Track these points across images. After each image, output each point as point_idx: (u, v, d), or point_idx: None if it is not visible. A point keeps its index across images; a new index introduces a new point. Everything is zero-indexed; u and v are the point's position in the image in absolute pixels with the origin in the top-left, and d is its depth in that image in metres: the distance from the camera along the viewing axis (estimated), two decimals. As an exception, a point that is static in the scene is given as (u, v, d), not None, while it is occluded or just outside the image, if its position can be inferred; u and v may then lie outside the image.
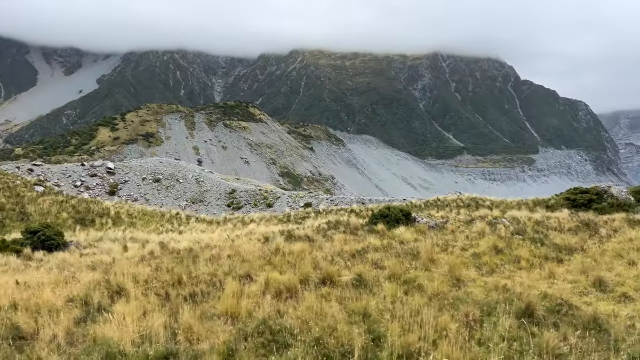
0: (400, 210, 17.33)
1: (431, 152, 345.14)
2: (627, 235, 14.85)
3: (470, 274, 10.87)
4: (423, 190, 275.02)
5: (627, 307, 9.20)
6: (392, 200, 54.14)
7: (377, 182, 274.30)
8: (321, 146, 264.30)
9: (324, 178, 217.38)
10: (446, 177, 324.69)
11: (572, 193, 31.03)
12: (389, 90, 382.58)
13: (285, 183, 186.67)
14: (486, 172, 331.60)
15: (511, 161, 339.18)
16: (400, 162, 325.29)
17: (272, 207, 66.15)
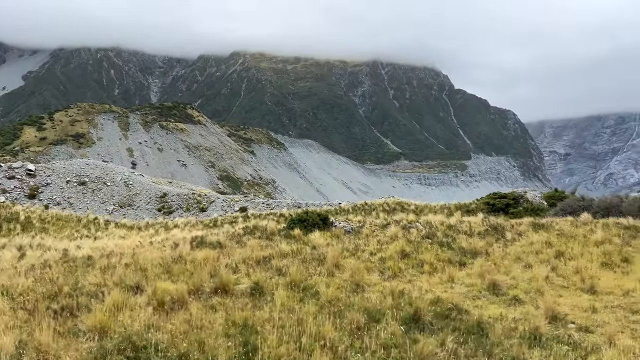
0: (317, 215, 17.23)
1: (370, 157, 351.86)
2: (529, 239, 15.50)
3: (373, 279, 10.87)
4: (362, 194, 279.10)
5: (516, 310, 9.48)
6: (329, 203, 54.39)
7: (318, 186, 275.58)
8: (262, 150, 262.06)
9: (265, 182, 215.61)
10: (384, 182, 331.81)
11: (492, 198, 32.37)
12: (330, 96, 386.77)
13: (224, 187, 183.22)
14: (422, 177, 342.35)
15: (445, 167, 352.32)
16: (341, 166, 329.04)
17: (205, 212, 64.55)
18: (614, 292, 10.59)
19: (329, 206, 37.70)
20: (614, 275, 11.98)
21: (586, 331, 8.27)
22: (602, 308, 9.60)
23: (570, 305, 9.77)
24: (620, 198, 26.75)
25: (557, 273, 11.98)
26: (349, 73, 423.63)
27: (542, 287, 10.46)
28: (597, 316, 9.06)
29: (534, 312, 9.05)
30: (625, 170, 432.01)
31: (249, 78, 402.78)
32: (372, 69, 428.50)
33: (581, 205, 26.74)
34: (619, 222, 18.72)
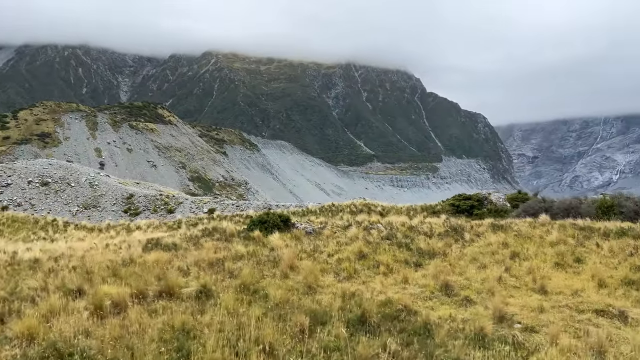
0: (279, 216, 17.04)
1: (343, 159, 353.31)
2: (487, 240, 15.66)
3: (327, 281, 10.74)
4: (335, 196, 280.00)
5: (466, 310, 9.49)
6: (299, 205, 54.13)
7: (292, 188, 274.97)
8: (235, 151, 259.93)
9: (237, 183, 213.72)
10: (357, 184, 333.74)
11: (457, 199, 32.75)
12: (304, 97, 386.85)
13: (195, 188, 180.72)
14: (394, 179, 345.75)
15: (417, 169, 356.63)
16: (314, 168, 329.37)
17: (173, 213, 63.42)
18: (564, 292, 10.74)
19: (298, 207, 37.52)
20: (566, 275, 12.17)
21: (531, 331, 8.32)
22: (550, 308, 9.71)
23: (520, 305, 9.84)
24: (580, 200, 27.43)
25: (510, 273, 12.09)
26: (323, 75, 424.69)
27: (493, 287, 10.52)
28: (544, 316, 9.15)
29: (483, 313, 9.08)
30: (590, 173, 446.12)
31: (222, 78, 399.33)
32: (346, 71, 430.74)
33: (542, 207, 27.29)
34: (575, 223, 19.13)
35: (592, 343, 7.60)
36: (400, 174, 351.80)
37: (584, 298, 10.31)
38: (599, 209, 26.00)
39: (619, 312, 9.34)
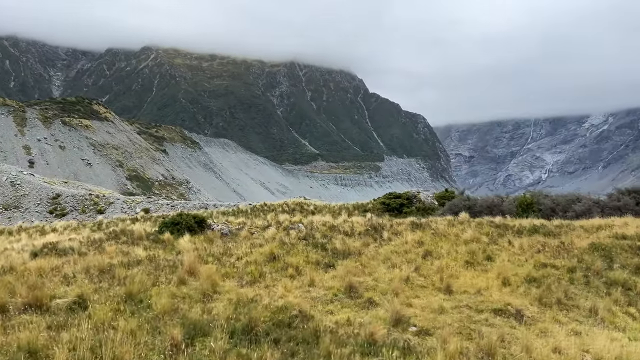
0: (193, 217, 16.23)
1: (288, 158, 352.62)
2: (404, 239, 15.60)
3: (228, 286, 10.15)
4: (280, 194, 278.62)
5: (367, 313, 9.19)
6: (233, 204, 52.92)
7: (235, 187, 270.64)
8: (175, 149, 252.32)
9: (178, 182, 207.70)
10: (302, 182, 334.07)
11: (387, 198, 33.00)
12: (248, 95, 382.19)
13: (133, 187, 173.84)
14: (338, 178, 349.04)
15: (360, 168, 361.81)
16: (259, 166, 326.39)
17: (103, 214, 60.41)
18: (468, 291, 10.72)
19: (229, 207, 36.55)
20: (474, 273, 12.22)
21: (426, 334, 8.13)
22: (452, 308, 9.61)
23: (422, 306, 9.68)
24: (501, 198, 28.33)
25: (419, 273, 11.99)
26: (267, 73, 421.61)
27: (398, 288, 10.32)
28: (443, 317, 9.01)
29: (382, 315, 8.81)
30: (521, 172, 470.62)
31: (162, 74, 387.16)
32: (290, 70, 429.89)
33: (466, 205, 27.95)
34: (492, 221, 19.58)
35: (483, 345, 7.47)
36: (344, 173, 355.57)
37: (486, 297, 10.31)
38: (519, 206, 26.95)
39: (516, 311, 9.37)
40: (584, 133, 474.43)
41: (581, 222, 19.21)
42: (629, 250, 13.84)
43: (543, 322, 9.11)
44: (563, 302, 10.12)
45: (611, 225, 18.05)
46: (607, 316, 9.55)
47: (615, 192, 26.78)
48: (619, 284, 11.28)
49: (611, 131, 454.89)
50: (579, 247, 14.43)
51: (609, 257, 13.35)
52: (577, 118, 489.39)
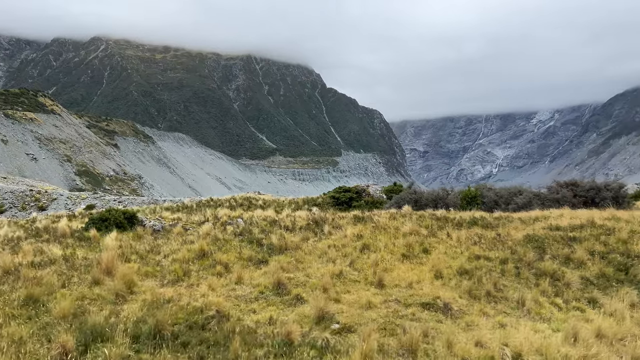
0: (122, 214, 15.39)
1: (245, 153, 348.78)
2: (344, 233, 15.34)
3: (147, 286, 9.53)
4: (237, 190, 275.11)
5: (293, 311, 8.81)
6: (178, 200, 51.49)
7: (190, 182, 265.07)
8: (127, 143, 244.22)
9: (130, 177, 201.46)
10: (259, 177, 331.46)
11: (337, 192, 32.83)
12: (203, 88, 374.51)
13: (83, 183, 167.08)
14: (296, 173, 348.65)
15: (318, 163, 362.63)
16: (215, 161, 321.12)
17: (45, 211, 57.52)
18: (400, 285, 10.53)
19: (173, 203, 35.40)
20: (410, 266, 12.08)
21: (348, 331, 7.83)
22: (381, 303, 9.38)
23: (351, 301, 9.40)
24: (447, 191, 28.67)
25: (354, 267, 11.73)
26: (223, 66, 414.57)
27: (328, 283, 10.00)
28: (370, 313, 8.76)
29: (308, 313, 8.45)
30: (473, 166, 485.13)
31: (113, 66, 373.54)
32: (247, 64, 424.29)
33: (413, 198, 28.13)
34: (434, 213, 19.67)
35: (405, 341, 7.24)
36: (302, 168, 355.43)
37: (416, 291, 10.15)
38: (463, 199, 27.35)
39: (444, 304, 9.23)
40: (532, 129, 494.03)
41: (520, 214, 19.58)
42: (560, 241, 14.09)
43: (470, 315, 9.01)
44: (492, 294, 10.09)
45: (547, 217, 18.46)
46: (534, 307, 9.57)
47: (555, 185, 27.60)
48: (548, 275, 11.40)
49: (557, 127, 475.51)
50: (514, 239, 14.59)
51: (542, 248, 13.53)
52: (526, 114, 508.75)
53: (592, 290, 10.90)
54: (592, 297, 10.45)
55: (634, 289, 10.79)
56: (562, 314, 9.47)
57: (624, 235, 14.40)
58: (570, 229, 15.54)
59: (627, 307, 9.77)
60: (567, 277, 11.23)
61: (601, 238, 14.18)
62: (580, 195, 26.18)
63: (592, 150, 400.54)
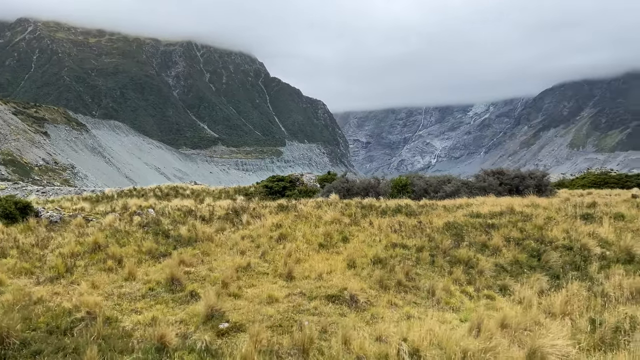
0: (15, 203, 13.84)
1: (186, 142, 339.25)
2: (264, 222, 14.58)
3: (18, 284, 8.33)
4: (177, 180, 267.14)
5: (184, 309, 7.95)
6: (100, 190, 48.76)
7: (127, 172, 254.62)
8: (59, 131, 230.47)
9: (62, 167, 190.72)
10: (201, 167, 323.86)
11: (270, 181, 32.00)
12: (141, 75, 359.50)
13: (9, 173, 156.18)
14: (239, 163, 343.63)
15: (262, 153, 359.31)
16: (153, 151, 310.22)
17: (-44, 203, 52.80)
18: (310, 276, 9.92)
19: (91, 193, 33.27)
20: (325, 256, 11.50)
21: (239, 330, 7.10)
22: (285, 297, 8.71)
23: (252, 296, 8.67)
24: (378, 180, 28.58)
25: (265, 258, 11.02)
26: (162, 52, 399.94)
27: (230, 277, 9.21)
28: (269, 308, 8.06)
29: (199, 311, 7.63)
30: (413, 157, 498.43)
31: (42, 49, 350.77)
32: (187, 50, 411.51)
33: (345, 187, 27.80)
34: (360, 202, 19.30)
35: (298, 339, 6.59)
36: (246, 158, 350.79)
37: (326, 282, 9.57)
38: (394, 187, 27.34)
39: (350, 296, 8.68)
40: (469, 121, 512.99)
41: (445, 202, 19.61)
42: (479, 228, 14.03)
43: (377, 306, 8.52)
44: (403, 283, 9.67)
45: (470, 204, 18.56)
46: (444, 296, 9.24)
47: (482, 174, 28.16)
48: (462, 263, 11.18)
49: (492, 119, 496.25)
50: (435, 227, 14.40)
51: (460, 236, 13.39)
52: (463, 107, 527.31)
53: (505, 277, 10.77)
54: (504, 285, 10.30)
55: (545, 275, 10.76)
56: (472, 303, 9.20)
57: (540, 222, 14.56)
58: (490, 216, 15.58)
59: (536, 294, 9.66)
60: (481, 265, 11.05)
61: (518, 225, 14.25)
62: (505, 183, 26.84)
63: (524, 141, 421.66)
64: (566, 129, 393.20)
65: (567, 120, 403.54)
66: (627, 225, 14.73)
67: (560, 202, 18.69)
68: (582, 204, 17.99)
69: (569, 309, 8.27)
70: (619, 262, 11.58)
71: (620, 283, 9.73)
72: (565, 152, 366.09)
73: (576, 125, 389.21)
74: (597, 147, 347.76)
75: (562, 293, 9.15)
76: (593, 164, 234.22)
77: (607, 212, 16.37)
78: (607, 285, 9.67)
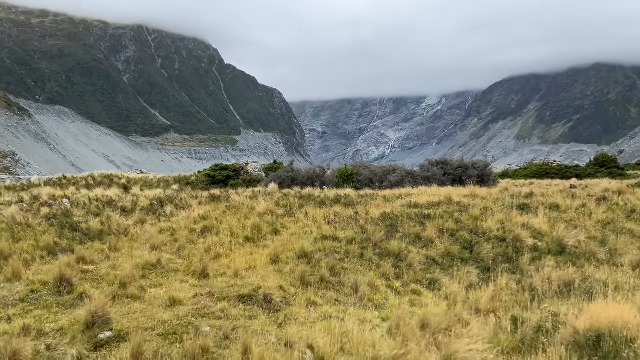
0: None
1: (136, 129, 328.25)
2: (190, 214, 13.59)
3: None
4: (127, 169, 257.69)
5: (68, 315, 6.93)
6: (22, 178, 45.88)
7: (74, 160, 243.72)
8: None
9: (2, 154, 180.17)
10: (152, 156, 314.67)
11: (213, 170, 30.82)
12: (88, 59, 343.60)
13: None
14: (193, 151, 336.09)
15: (216, 141, 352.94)
16: (102, 138, 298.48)
17: None
18: (227, 274, 9.09)
19: (18, 181, 30.99)
20: (250, 250, 10.69)
21: (122, 340, 6.19)
22: (191, 298, 7.84)
23: (154, 298, 7.75)
24: (324, 169, 27.97)
25: (181, 254, 10.08)
26: (111, 35, 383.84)
27: (129, 276, 8.23)
28: (167, 313, 7.17)
29: (82, 318, 6.64)
30: (368, 147, 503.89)
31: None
32: (138, 34, 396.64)
33: (290, 176, 27.02)
34: (300, 192, 18.58)
35: (189, 349, 5.75)
36: (199, 146, 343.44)
37: (241, 280, 8.76)
38: (339, 177, 26.78)
39: (264, 296, 7.91)
40: (422, 112, 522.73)
41: (386, 192, 19.19)
42: (415, 219, 13.58)
43: (294, 306, 7.80)
44: (327, 279, 9.00)
45: (411, 194, 18.20)
46: (369, 293, 8.64)
47: (427, 163, 28.06)
48: (393, 255, 10.64)
49: (444, 111, 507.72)
50: (371, 217, 13.85)
51: (395, 227, 12.89)
52: (416, 98, 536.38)
53: (435, 270, 10.31)
54: (434, 278, 9.83)
55: (476, 268, 10.38)
56: (397, 299, 8.64)
57: (477, 212, 14.29)
58: (428, 207, 15.20)
59: (464, 288, 9.23)
60: (411, 257, 10.54)
61: (454, 215, 13.91)
62: (449, 173, 26.82)
63: (474, 133, 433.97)
64: (514, 122, 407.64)
65: (514, 113, 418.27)
66: (561, 215, 14.70)
67: (499, 192, 18.63)
68: (519, 194, 17.98)
69: (495, 306, 7.84)
70: (551, 254, 11.39)
71: (549, 276, 9.44)
72: (513, 144, 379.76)
73: (523, 118, 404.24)
74: (542, 139, 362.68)
75: (490, 288, 8.75)
76: (538, 155, 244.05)
77: (543, 202, 16.36)
78: (536, 278, 9.36)
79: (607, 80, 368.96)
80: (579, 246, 11.87)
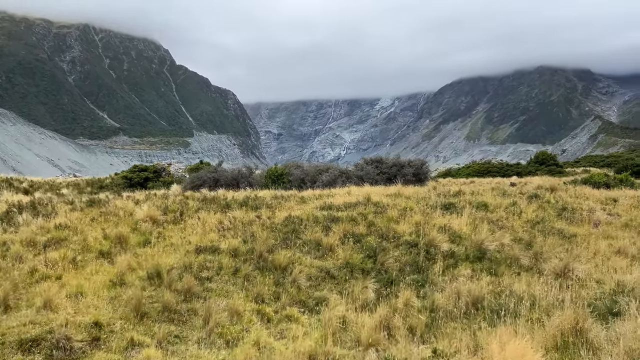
0: None
1: (83, 132, 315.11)
2: (47, 222, 11.19)
3: None
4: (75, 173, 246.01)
5: None
6: None
7: (15, 165, 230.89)
8: None
9: None
10: (100, 159, 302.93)
11: (132, 171, 28.14)
12: (30, 59, 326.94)
13: None
14: (143, 154, 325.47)
15: (168, 144, 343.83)
16: (45, 141, 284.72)
17: None
18: (36, 304, 6.83)
19: None
20: (97, 268, 8.48)
21: None
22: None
23: None
24: (251, 169, 25.90)
25: None
26: (55, 35, 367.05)
27: None
28: None
29: None
30: (324, 149, 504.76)
31: None
32: (84, 34, 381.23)
33: (212, 177, 24.79)
34: (206, 194, 16.47)
35: None
36: (150, 149, 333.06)
37: (46, 314, 6.54)
38: (267, 177, 24.82)
39: (56, 340, 5.74)
40: (376, 114, 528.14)
41: (306, 193, 17.38)
42: (322, 223, 11.71)
43: (106, 351, 5.69)
44: (173, 308, 6.92)
45: (333, 195, 16.46)
46: (227, 324, 6.64)
47: (361, 162, 26.52)
48: (279, 269, 8.70)
49: (397, 113, 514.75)
50: (273, 222, 11.89)
51: (297, 232, 10.98)
52: (370, 100, 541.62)
53: (326, 286, 8.44)
54: (322, 297, 7.95)
55: (376, 282, 8.58)
56: (263, 330, 6.68)
57: (395, 214, 12.61)
58: (344, 208, 13.41)
59: (356, 309, 7.39)
60: (297, 271, 8.61)
61: (369, 217, 12.16)
62: (384, 172, 25.34)
63: (426, 134, 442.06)
64: (463, 123, 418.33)
65: (464, 114, 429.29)
66: (488, 215, 13.25)
67: (427, 191, 17.13)
68: (448, 192, 16.53)
69: (378, 337, 6.02)
70: (468, 260, 9.78)
71: (458, 290, 7.75)
72: (463, 144, 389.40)
73: (472, 119, 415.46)
74: (490, 139, 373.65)
75: (381, 310, 6.92)
76: (487, 155, 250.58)
77: (471, 201, 14.93)
78: (441, 296, 7.64)
79: (550, 82, 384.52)
80: (501, 250, 10.35)
